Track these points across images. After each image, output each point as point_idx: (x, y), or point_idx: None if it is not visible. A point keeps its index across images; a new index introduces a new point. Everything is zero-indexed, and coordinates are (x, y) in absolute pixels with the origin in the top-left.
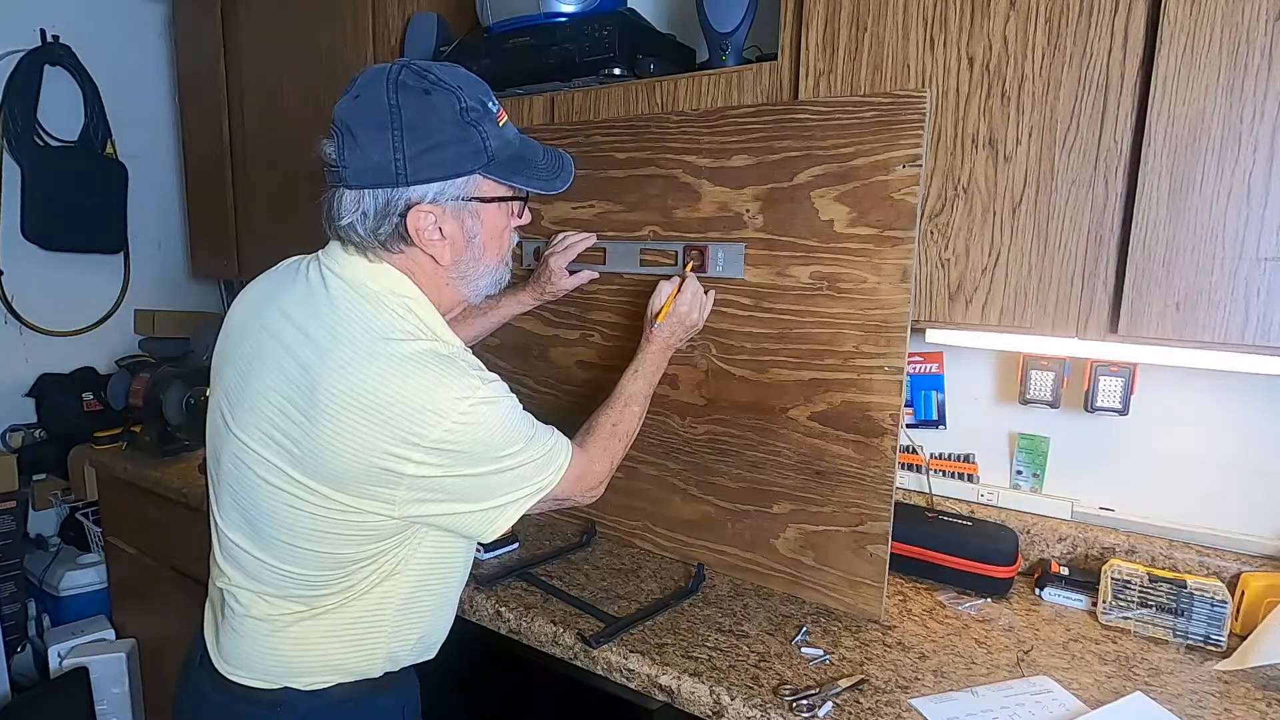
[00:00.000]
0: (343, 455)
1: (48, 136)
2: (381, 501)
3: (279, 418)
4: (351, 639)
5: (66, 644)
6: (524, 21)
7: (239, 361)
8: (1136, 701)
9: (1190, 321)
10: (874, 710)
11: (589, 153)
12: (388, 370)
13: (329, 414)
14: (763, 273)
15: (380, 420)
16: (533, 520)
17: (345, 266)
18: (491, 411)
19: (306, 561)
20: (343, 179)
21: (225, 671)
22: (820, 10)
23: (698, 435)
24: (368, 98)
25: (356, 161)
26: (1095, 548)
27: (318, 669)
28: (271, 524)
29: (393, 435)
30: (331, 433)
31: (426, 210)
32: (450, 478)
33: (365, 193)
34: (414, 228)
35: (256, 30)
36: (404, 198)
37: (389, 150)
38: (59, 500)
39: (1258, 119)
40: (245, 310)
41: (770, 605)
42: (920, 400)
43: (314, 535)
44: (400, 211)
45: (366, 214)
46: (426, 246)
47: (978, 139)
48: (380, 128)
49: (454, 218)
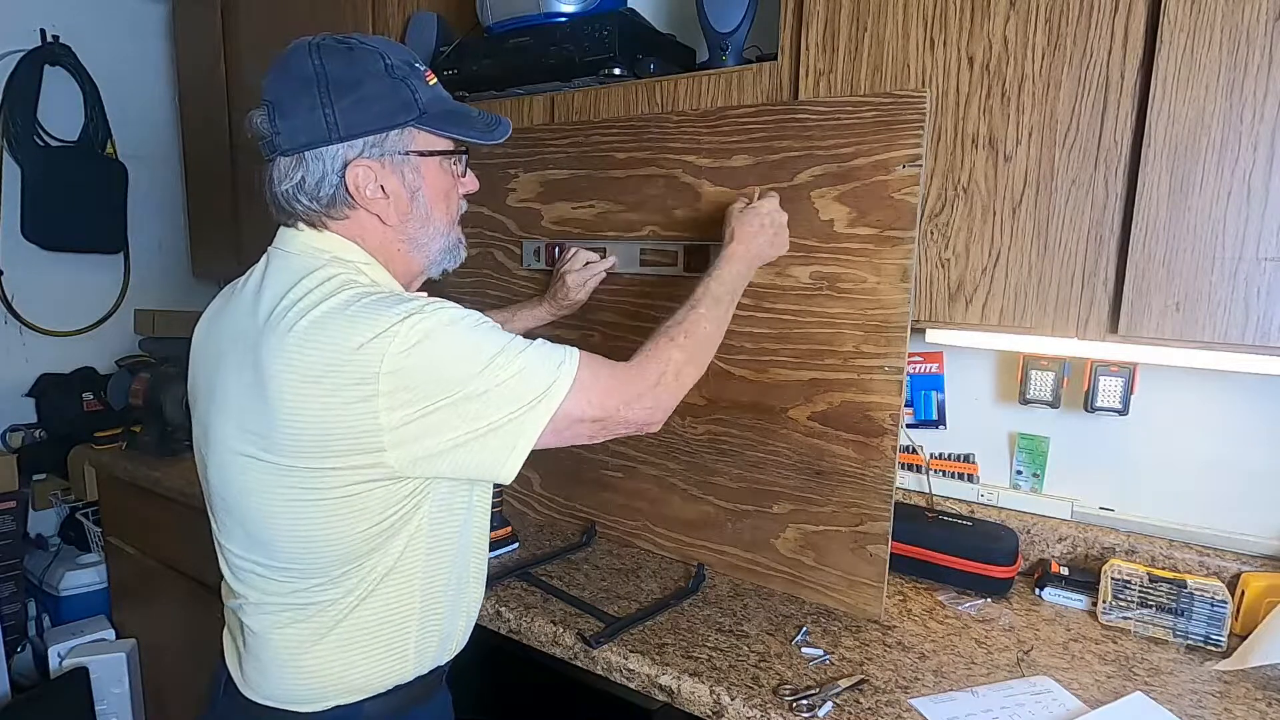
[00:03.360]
0: (313, 426)
1: (48, 136)
2: (373, 461)
3: (247, 415)
4: (375, 642)
5: (66, 644)
6: (524, 21)
7: (206, 372)
8: (1136, 701)
9: (1190, 321)
10: (874, 710)
11: (589, 153)
12: (317, 332)
13: (283, 394)
14: (763, 273)
15: (331, 382)
16: (533, 520)
17: (292, 243)
18: (440, 328)
19: (313, 556)
20: (277, 147)
21: (253, 697)
22: (820, 10)
23: (698, 435)
24: (291, 65)
25: (288, 126)
26: (1095, 548)
27: (346, 686)
28: (269, 526)
29: (349, 389)
30: (293, 410)
31: (365, 165)
32: (430, 409)
33: (302, 155)
34: (354, 185)
35: (256, 30)
36: (340, 155)
37: (318, 108)
38: (59, 500)
39: (1258, 119)
40: (207, 320)
41: (770, 605)
42: (920, 400)
43: (315, 522)
44: (338, 170)
45: (305, 178)
46: (370, 205)
47: (978, 139)
48: (306, 89)
49: (394, 173)
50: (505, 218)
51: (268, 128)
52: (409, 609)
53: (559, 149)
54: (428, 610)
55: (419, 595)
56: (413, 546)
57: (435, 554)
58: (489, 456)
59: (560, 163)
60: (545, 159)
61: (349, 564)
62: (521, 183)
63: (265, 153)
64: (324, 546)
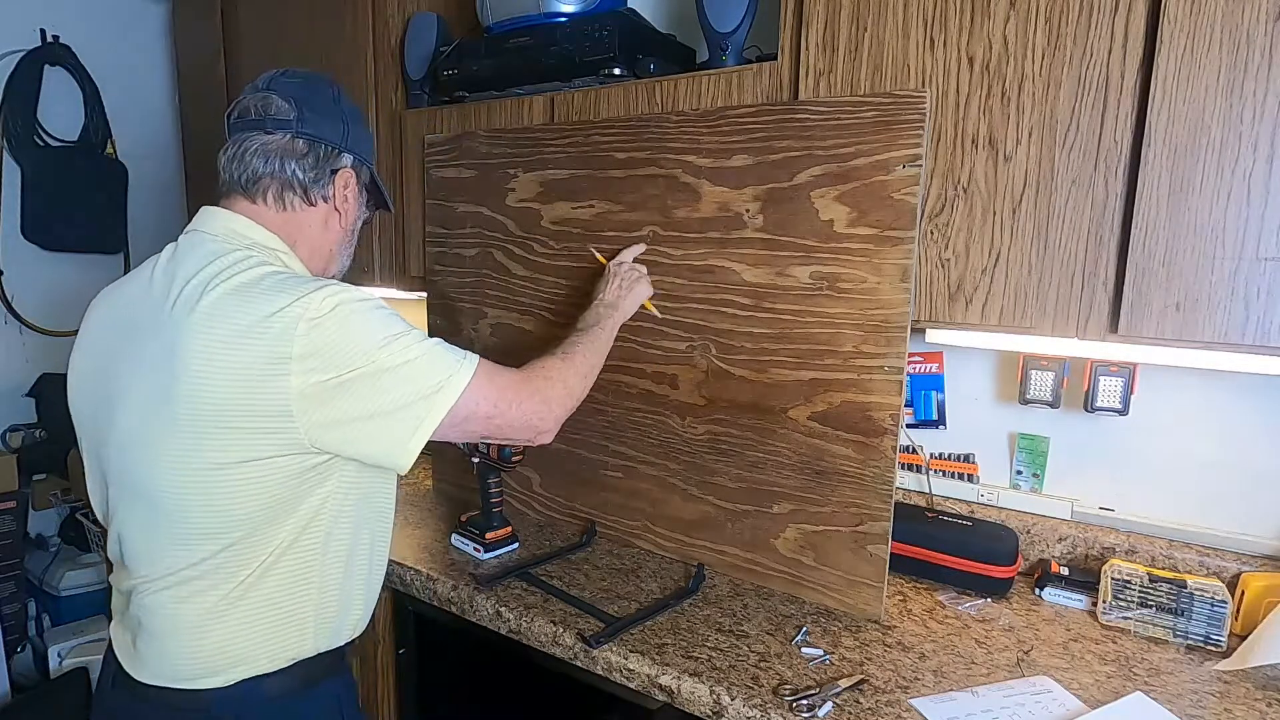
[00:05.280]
0: (223, 391)
1: (48, 136)
2: (279, 427)
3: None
4: (278, 613)
5: (66, 644)
6: (524, 21)
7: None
8: (1136, 701)
9: (1190, 321)
10: (874, 710)
11: (589, 153)
12: (232, 302)
13: (194, 362)
14: (763, 273)
15: (244, 348)
16: (533, 520)
17: (213, 224)
18: (350, 302)
19: (220, 524)
20: (292, 129)
21: (151, 681)
22: (820, 10)
23: (698, 435)
24: (316, 84)
25: (314, 120)
26: (1095, 548)
27: (246, 658)
28: (178, 497)
29: (262, 355)
30: (204, 377)
31: (348, 172)
32: (337, 378)
33: (314, 143)
34: (339, 182)
35: (256, 30)
36: (341, 158)
37: (340, 122)
38: (59, 500)
39: (1258, 119)
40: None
41: (770, 605)
42: (920, 400)
43: (222, 491)
44: (334, 168)
45: (309, 158)
46: (340, 204)
47: (978, 139)
48: (331, 105)
49: (358, 189)
50: (505, 218)
51: (293, 114)
52: (309, 584)
53: (559, 149)
54: (327, 587)
55: (318, 572)
56: (316, 523)
57: (337, 533)
58: (390, 439)
59: (560, 163)
60: (545, 159)
61: (254, 532)
62: (521, 183)
63: (271, 127)
64: (229, 515)
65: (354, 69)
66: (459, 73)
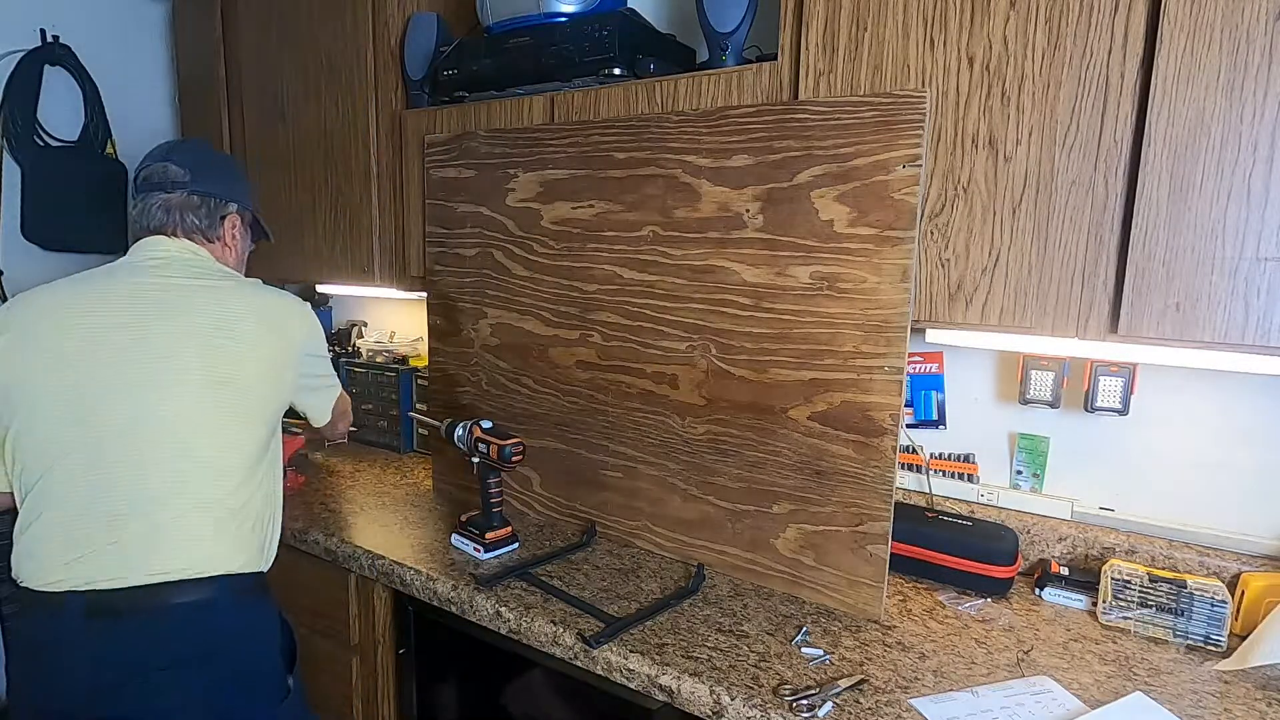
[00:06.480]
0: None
1: (48, 136)
2: (287, 382)
3: (202, 355)
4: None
5: None
6: (524, 21)
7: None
8: (1136, 701)
9: (1190, 321)
10: (874, 710)
11: (589, 153)
12: (268, 291)
13: (248, 332)
14: (763, 273)
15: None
16: (533, 520)
17: (159, 249)
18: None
19: (239, 459)
20: (187, 188)
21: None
22: (820, 10)
23: (698, 435)
24: (205, 149)
25: (204, 180)
26: (1095, 548)
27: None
28: (212, 440)
29: (292, 336)
30: (253, 343)
31: (234, 216)
32: (313, 358)
33: (209, 199)
34: (229, 225)
35: (256, 30)
36: (228, 206)
37: (224, 179)
38: None
39: (1258, 119)
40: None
41: (770, 605)
42: (920, 400)
43: (245, 432)
44: (222, 215)
45: (205, 211)
46: (230, 241)
47: (978, 139)
48: (218, 165)
49: (244, 227)
50: (505, 218)
51: (185, 177)
52: (274, 505)
53: (559, 149)
54: (276, 509)
55: (275, 495)
56: (273, 454)
57: (274, 465)
58: (320, 401)
59: (560, 163)
60: (545, 159)
61: (253, 463)
62: (521, 183)
63: (170, 189)
64: (246, 450)
65: (354, 69)
66: (459, 73)
